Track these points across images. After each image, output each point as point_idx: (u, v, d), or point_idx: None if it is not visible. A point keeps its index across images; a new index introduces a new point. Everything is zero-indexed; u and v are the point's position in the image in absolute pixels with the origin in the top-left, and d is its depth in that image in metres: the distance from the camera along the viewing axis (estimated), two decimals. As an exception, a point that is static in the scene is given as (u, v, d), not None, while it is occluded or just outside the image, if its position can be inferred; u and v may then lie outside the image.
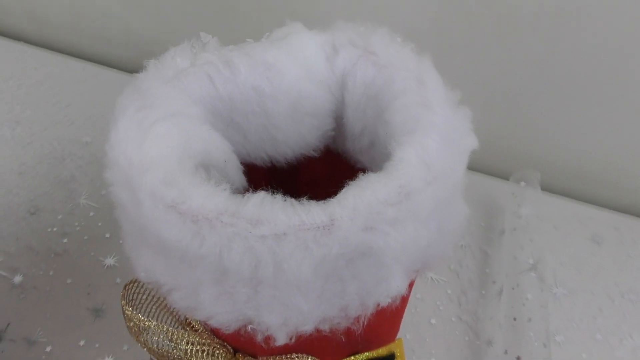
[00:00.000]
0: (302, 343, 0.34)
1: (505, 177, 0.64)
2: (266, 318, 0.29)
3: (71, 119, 0.72)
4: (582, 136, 0.64)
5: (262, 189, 0.27)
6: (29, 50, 0.83)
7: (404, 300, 0.36)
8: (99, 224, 0.60)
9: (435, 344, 0.53)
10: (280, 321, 0.30)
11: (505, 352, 0.49)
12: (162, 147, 0.28)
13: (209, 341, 0.35)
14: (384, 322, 0.35)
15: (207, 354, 0.35)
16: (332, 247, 0.26)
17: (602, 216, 0.63)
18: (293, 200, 0.27)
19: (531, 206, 0.58)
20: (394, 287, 0.31)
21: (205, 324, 0.35)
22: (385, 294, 0.31)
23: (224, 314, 0.29)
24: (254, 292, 0.28)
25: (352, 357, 0.39)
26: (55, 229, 0.60)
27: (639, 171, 0.64)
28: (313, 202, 0.27)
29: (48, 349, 0.51)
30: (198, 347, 0.35)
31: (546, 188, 0.65)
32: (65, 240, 0.59)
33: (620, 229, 0.62)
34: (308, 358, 0.34)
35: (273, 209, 0.26)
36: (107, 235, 0.59)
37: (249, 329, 0.30)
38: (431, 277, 0.57)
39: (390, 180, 0.27)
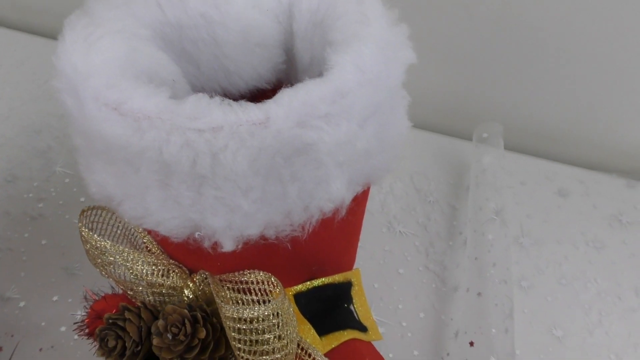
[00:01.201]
0: (253, 257, 0.35)
1: (471, 138, 0.66)
2: (211, 221, 0.30)
3: (49, 94, 0.73)
4: (545, 95, 0.66)
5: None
6: (10, 34, 0.84)
7: (354, 217, 0.37)
8: (74, 190, 0.62)
9: (403, 292, 0.54)
10: (225, 224, 0.31)
11: (467, 290, 0.50)
12: (107, 56, 0.29)
13: (164, 262, 0.36)
14: (334, 239, 0.37)
15: (162, 274, 0.36)
16: (266, 139, 0.27)
17: (568, 171, 0.64)
18: (231, 101, 0.28)
19: (494, 156, 0.59)
20: (335, 189, 0.32)
21: (157, 238, 0.36)
22: (326, 198, 0.32)
23: (171, 220, 0.30)
24: (197, 194, 0.29)
25: (308, 283, 0.40)
26: (31, 195, 0.61)
27: (602, 128, 0.66)
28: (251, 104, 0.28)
29: (21, 304, 0.52)
30: (154, 268, 0.36)
31: (512, 147, 0.66)
32: (40, 205, 0.60)
33: (586, 182, 0.63)
34: (259, 273, 0.35)
35: (210, 107, 0.27)
36: (82, 199, 0.61)
37: (197, 236, 0.31)
38: (400, 231, 0.58)
39: (325, 83, 0.29)
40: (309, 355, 0.35)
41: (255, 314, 0.31)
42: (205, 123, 0.27)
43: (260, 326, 0.32)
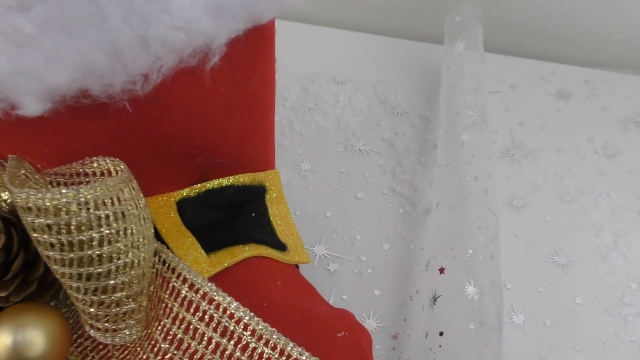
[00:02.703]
0: (90, 136, 0.24)
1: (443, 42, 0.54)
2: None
3: None
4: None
5: None
6: None
7: (245, 74, 0.26)
8: None
9: (362, 220, 0.43)
10: (11, 66, 0.20)
11: (437, 206, 0.38)
12: None
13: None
14: (215, 108, 0.25)
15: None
16: None
17: (569, 71, 0.52)
18: None
19: (474, 54, 0.47)
20: (177, 5, 0.21)
21: None
22: (169, 22, 0.21)
23: None
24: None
25: (198, 185, 0.29)
26: None
27: (609, 18, 0.53)
28: None
29: None
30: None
31: (496, 50, 0.54)
32: None
33: (592, 81, 0.51)
34: (106, 161, 0.24)
35: None
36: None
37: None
38: (359, 149, 0.47)
39: None
40: (180, 277, 0.24)
41: (62, 199, 0.20)
42: None
43: (74, 220, 0.20)
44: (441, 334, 0.32)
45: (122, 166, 0.24)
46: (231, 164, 0.29)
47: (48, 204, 0.20)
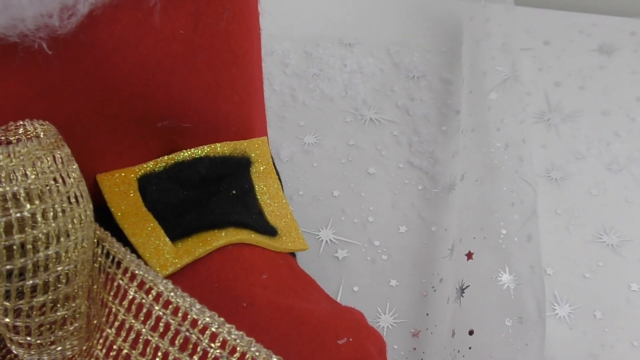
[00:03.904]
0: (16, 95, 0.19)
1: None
2: None
3: None
4: None
5: None
6: None
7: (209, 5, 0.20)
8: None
9: (375, 199, 0.37)
10: None
11: (462, 179, 0.32)
12: None
13: None
14: (170, 51, 0.20)
15: None
16: None
17: (611, 22, 0.45)
18: None
19: (501, 7, 0.40)
20: None
21: None
22: None
23: None
24: None
25: (166, 157, 0.23)
26: None
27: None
28: None
29: None
30: None
31: (529, 3, 0.47)
32: None
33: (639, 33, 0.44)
34: (35, 124, 0.19)
35: None
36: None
37: None
38: (371, 118, 0.41)
39: None
40: (127, 273, 0.18)
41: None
42: None
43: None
44: (471, 332, 0.26)
45: (53, 131, 0.19)
46: (205, 129, 0.23)
47: None
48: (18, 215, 0.15)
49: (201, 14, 0.20)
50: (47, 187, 0.16)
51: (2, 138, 0.19)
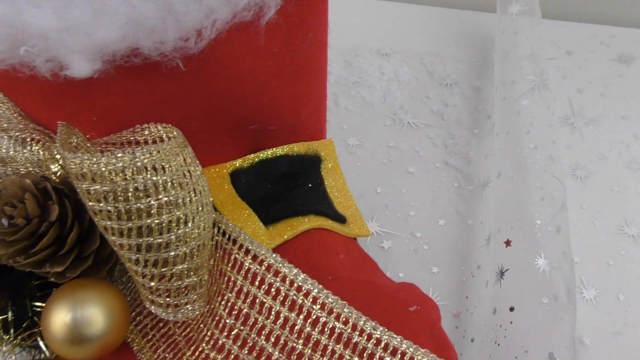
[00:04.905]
0: (140, 102, 0.22)
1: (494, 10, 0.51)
2: (32, 16, 0.18)
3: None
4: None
5: None
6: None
7: (299, 30, 0.24)
8: None
9: (415, 195, 0.41)
10: (57, 22, 0.18)
11: (498, 176, 0.36)
12: None
13: (21, 127, 0.24)
14: (269, 67, 0.23)
15: (20, 144, 0.24)
16: None
17: (629, 34, 0.49)
18: None
19: (528, 21, 0.44)
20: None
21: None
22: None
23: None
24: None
25: (252, 155, 0.27)
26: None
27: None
28: None
29: None
30: (2, 135, 0.24)
31: (553, 15, 0.51)
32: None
33: (655, 44, 0.48)
34: (158, 127, 0.23)
35: None
36: None
37: (24, 53, 0.19)
38: (408, 122, 0.45)
39: None
40: (242, 248, 0.22)
41: (117, 164, 0.19)
42: None
43: (131, 187, 0.19)
44: (512, 309, 0.30)
45: (175, 132, 0.23)
46: (285, 132, 0.27)
47: (103, 169, 0.18)
48: (166, 199, 0.19)
49: (292, 35, 0.24)
50: (185, 178, 0.20)
51: (132, 138, 0.23)
